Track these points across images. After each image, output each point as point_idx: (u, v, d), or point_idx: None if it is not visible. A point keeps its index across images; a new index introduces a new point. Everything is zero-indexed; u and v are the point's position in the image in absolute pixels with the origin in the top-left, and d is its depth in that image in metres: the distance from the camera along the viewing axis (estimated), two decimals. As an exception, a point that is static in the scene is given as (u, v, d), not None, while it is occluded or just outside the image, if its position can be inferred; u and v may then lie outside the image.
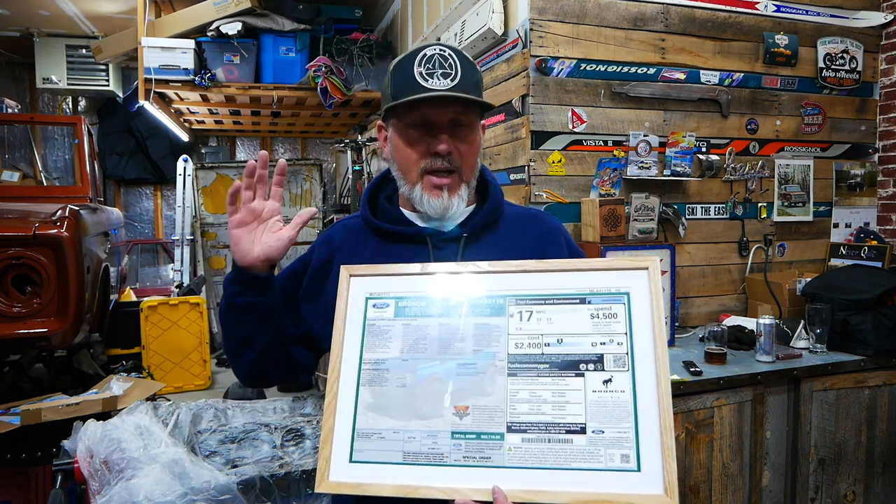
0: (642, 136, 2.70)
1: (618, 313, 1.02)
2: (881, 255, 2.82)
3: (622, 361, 0.99)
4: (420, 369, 1.03)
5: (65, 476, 2.02)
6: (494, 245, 1.23)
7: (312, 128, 6.72)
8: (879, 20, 3.08)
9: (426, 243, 1.21)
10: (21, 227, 2.77)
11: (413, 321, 1.06)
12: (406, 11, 4.73)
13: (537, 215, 1.35)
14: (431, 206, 1.16)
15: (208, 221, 5.97)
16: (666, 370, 0.97)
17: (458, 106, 1.14)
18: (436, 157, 1.15)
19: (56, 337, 2.82)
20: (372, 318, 1.08)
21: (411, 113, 1.15)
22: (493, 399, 0.99)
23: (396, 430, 1.00)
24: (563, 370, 1.00)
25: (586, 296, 1.04)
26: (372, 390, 1.03)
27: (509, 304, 1.05)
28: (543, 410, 0.97)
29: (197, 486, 1.94)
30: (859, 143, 3.16)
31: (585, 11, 2.65)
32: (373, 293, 1.10)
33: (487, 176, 1.31)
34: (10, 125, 6.37)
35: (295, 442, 2.45)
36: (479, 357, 1.02)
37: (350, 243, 1.27)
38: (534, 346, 1.02)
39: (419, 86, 1.11)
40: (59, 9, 5.32)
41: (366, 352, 1.06)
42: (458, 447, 0.97)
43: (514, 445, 0.96)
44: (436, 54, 1.13)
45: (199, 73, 4.58)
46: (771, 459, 2.26)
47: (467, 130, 1.17)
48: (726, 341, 2.32)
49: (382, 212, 1.27)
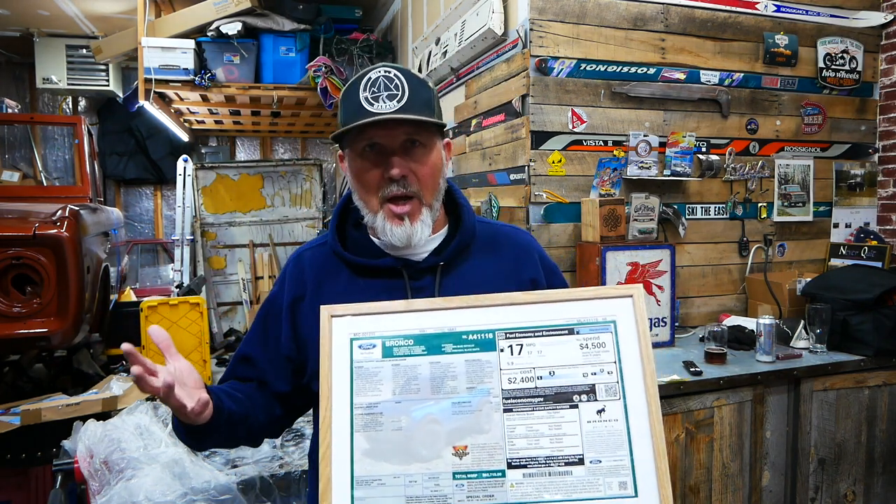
0: (642, 136, 2.70)
1: (606, 342, 1.04)
2: (881, 255, 2.82)
3: (613, 390, 1.01)
4: (415, 411, 1.01)
5: (65, 476, 2.02)
6: (470, 271, 1.20)
7: (312, 128, 6.72)
8: (879, 20, 3.08)
9: (401, 276, 1.17)
10: (21, 227, 2.77)
11: (402, 361, 1.04)
12: (406, 11, 4.72)
13: (509, 233, 1.30)
14: (395, 234, 1.13)
15: (208, 221, 5.97)
16: (655, 395, 1.00)
17: (408, 126, 1.10)
18: (391, 182, 1.11)
19: (56, 337, 2.82)
20: (359, 360, 1.05)
21: (360, 139, 1.12)
22: (491, 436, 0.99)
23: (396, 475, 0.98)
24: (557, 403, 1.01)
25: (574, 326, 1.05)
26: (367, 436, 1.01)
27: (499, 339, 1.05)
28: (542, 444, 0.98)
29: (197, 486, 1.95)
30: (859, 143, 3.16)
31: (585, 11, 2.65)
32: (357, 333, 1.06)
33: (458, 197, 1.26)
34: (10, 125, 6.37)
35: (295, 442, 2.45)
36: (473, 394, 1.01)
37: (321, 273, 1.22)
38: (527, 380, 1.02)
39: (365, 111, 1.08)
40: (59, 9, 5.31)
41: (356, 396, 1.03)
42: (460, 487, 0.97)
43: (516, 481, 0.97)
44: (380, 77, 1.10)
45: (199, 73, 4.58)
46: (771, 459, 2.26)
47: (423, 151, 1.13)
48: (726, 341, 2.32)
49: (351, 241, 1.23)
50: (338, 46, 4.94)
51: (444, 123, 1.18)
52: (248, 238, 6.06)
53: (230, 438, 1.17)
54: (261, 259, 6.06)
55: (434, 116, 1.14)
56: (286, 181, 6.21)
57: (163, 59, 4.48)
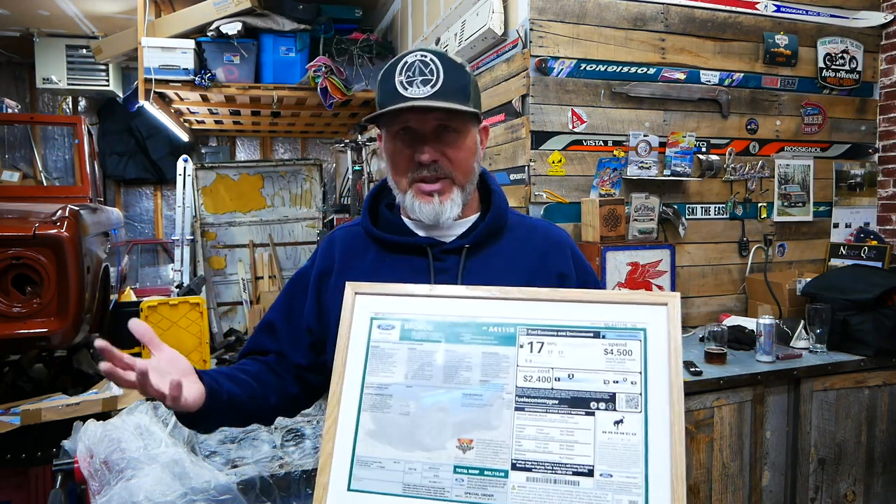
0: (642, 136, 2.70)
1: (633, 350, 0.98)
2: (881, 255, 2.82)
3: (635, 402, 0.95)
4: (424, 397, 0.99)
5: (65, 476, 2.02)
6: (496, 257, 1.20)
7: (312, 128, 6.72)
8: (879, 20, 3.08)
9: (426, 254, 1.18)
10: (21, 227, 2.77)
11: (419, 346, 1.02)
12: (406, 11, 4.72)
13: (543, 226, 1.30)
14: (423, 211, 1.14)
15: (208, 221, 5.98)
16: (681, 414, 0.94)
17: (439, 113, 1.10)
18: (420, 166, 1.12)
19: (56, 337, 2.82)
20: (376, 339, 1.04)
21: (395, 122, 1.13)
22: (499, 434, 0.95)
23: (397, 459, 0.96)
24: (572, 407, 0.96)
25: (601, 329, 1.00)
26: (374, 416, 0.99)
27: (520, 334, 1.01)
28: (550, 449, 0.94)
29: (197, 486, 1.95)
30: (859, 143, 3.16)
31: (585, 11, 2.65)
32: (378, 313, 1.05)
33: (491, 184, 1.27)
34: (10, 125, 6.37)
35: (295, 442, 2.45)
36: (485, 388, 0.98)
37: (350, 251, 1.25)
38: (543, 381, 0.98)
39: (399, 95, 1.09)
40: (59, 9, 5.31)
41: (369, 375, 1.02)
42: (460, 482, 0.94)
43: (518, 484, 0.92)
44: (416, 61, 1.10)
45: (199, 73, 4.57)
46: (771, 459, 2.26)
47: (456, 136, 1.13)
48: (726, 341, 2.32)
49: (383, 220, 1.25)
50: (338, 46, 4.94)
51: (477, 111, 1.18)
52: (248, 238, 6.06)
53: (237, 418, 1.19)
54: (261, 259, 6.07)
55: (469, 102, 1.13)
56: (286, 181, 6.22)
57: (163, 59, 4.47)
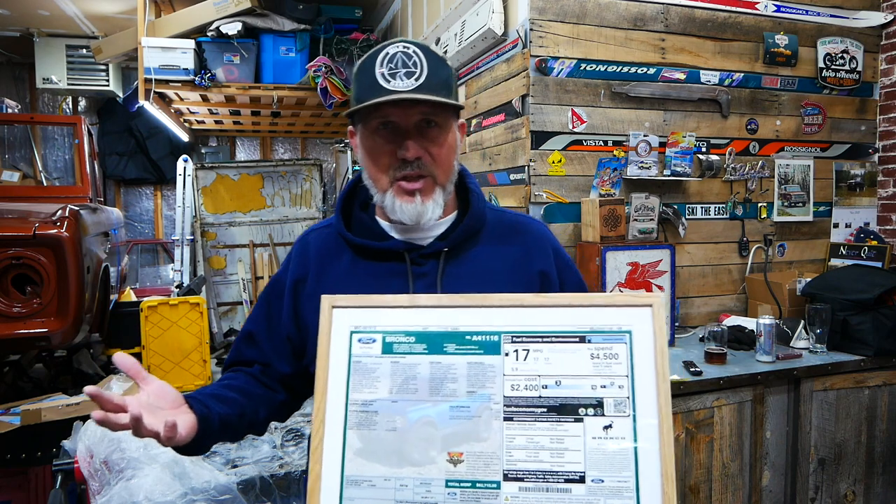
0: (642, 136, 2.70)
1: (619, 354, 0.97)
2: (881, 255, 2.82)
3: (623, 406, 0.95)
4: (411, 412, 0.97)
5: (65, 476, 2.02)
6: (475, 259, 1.16)
7: (312, 128, 6.72)
8: (879, 20, 3.08)
9: (404, 259, 1.14)
10: (21, 227, 2.77)
11: (402, 359, 1.00)
12: (406, 11, 4.72)
13: (522, 223, 1.26)
14: (404, 212, 1.09)
15: (208, 221, 5.97)
16: (669, 416, 0.94)
17: (424, 106, 1.06)
18: (404, 163, 1.07)
19: (56, 337, 2.82)
20: (358, 354, 1.01)
21: (375, 117, 1.07)
22: (489, 445, 0.95)
23: (388, 477, 0.95)
24: (561, 415, 0.95)
25: (586, 333, 0.99)
26: (360, 434, 0.97)
27: (504, 342, 0.99)
28: (541, 458, 0.93)
29: (197, 486, 1.95)
30: (859, 143, 3.16)
31: (585, 11, 2.65)
32: (357, 326, 1.02)
33: (469, 182, 1.22)
34: (10, 125, 6.37)
35: (295, 442, 2.45)
36: (473, 399, 0.97)
37: (325, 256, 1.20)
38: (531, 389, 0.97)
39: (381, 88, 1.04)
40: (59, 9, 5.31)
41: (352, 392, 0.99)
42: (452, 496, 0.93)
43: (512, 495, 0.92)
44: (399, 53, 1.05)
45: (199, 73, 4.57)
46: (771, 459, 2.26)
47: (438, 131, 1.09)
48: (726, 341, 2.32)
49: (357, 222, 1.20)
50: (338, 46, 4.94)
51: (462, 105, 1.15)
52: (248, 238, 6.06)
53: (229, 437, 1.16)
54: (261, 259, 6.07)
55: (451, 96, 1.09)
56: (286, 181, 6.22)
57: (163, 59, 4.48)
